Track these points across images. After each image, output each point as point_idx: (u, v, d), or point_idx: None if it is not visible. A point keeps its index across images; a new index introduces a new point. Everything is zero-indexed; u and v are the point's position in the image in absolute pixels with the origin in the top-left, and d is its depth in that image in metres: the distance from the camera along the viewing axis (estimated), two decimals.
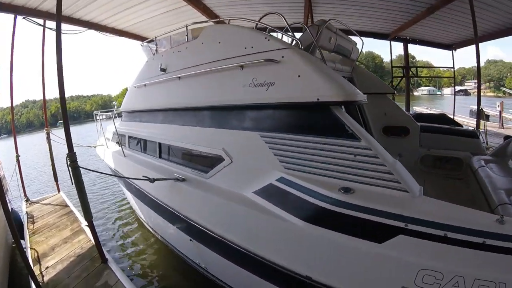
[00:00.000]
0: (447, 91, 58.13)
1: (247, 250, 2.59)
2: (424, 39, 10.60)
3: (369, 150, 2.19)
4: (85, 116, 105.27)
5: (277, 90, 2.62)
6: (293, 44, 2.88)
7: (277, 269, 2.35)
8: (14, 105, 7.19)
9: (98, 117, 7.39)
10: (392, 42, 10.75)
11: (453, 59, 10.90)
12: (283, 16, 3.13)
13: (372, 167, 2.19)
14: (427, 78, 62.29)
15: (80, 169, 3.35)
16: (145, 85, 4.94)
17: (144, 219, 5.62)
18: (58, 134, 6.99)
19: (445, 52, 10.73)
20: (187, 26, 3.96)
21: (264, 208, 2.50)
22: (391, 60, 12.04)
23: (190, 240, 3.48)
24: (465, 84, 65.83)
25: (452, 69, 11.01)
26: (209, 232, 2.99)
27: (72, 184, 3.39)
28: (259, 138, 2.78)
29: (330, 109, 2.37)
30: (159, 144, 4.40)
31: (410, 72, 11.62)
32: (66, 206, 6.34)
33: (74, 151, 3.36)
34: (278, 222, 2.34)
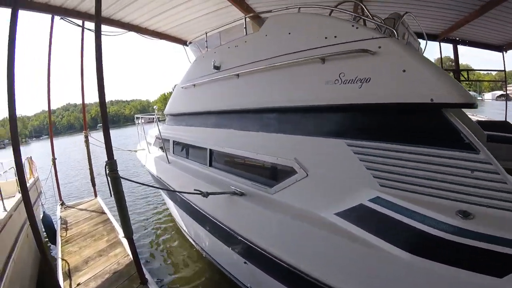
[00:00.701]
0: (488, 95, 54.72)
1: (321, 281, 2.12)
2: (473, 40, 9.67)
3: (489, 164, 1.73)
4: (124, 120, 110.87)
5: (374, 88, 2.12)
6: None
7: None
8: (56, 108, 7.29)
9: (139, 121, 7.19)
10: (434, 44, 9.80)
11: (504, 61, 9.92)
12: (363, 5, 2.61)
13: (492, 186, 1.73)
14: (467, 83, 58.01)
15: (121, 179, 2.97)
16: (194, 85, 4.61)
17: (187, 232, 5.22)
18: (97, 137, 6.79)
19: (483, 54, 9.76)
20: (245, 18, 3.57)
21: (351, 234, 2.01)
22: (442, 63, 10.87)
23: (245, 263, 3.05)
24: (508, 88, 59.79)
25: (503, 72, 10.18)
26: (270, 257, 2.53)
27: (111, 195, 3.01)
28: (346, 148, 2.28)
29: (442, 112, 1.88)
30: (210, 151, 3.96)
31: (461, 76, 10.60)
32: (103, 213, 6.06)
33: (115, 158, 2.99)
34: (370, 251, 1.88)
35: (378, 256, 1.84)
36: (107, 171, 2.90)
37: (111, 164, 2.91)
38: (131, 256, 3.81)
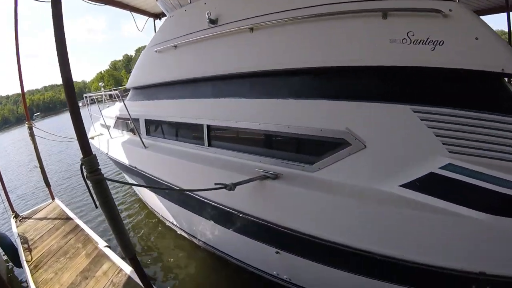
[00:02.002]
0: None
1: (399, 258, 2.05)
2: None
3: None
4: (61, 106, 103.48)
5: (447, 51, 1.94)
6: None
7: (434, 271, 1.95)
8: None
9: (87, 100, 6.05)
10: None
11: None
12: None
13: None
14: None
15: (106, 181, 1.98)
16: (175, 46, 3.61)
17: (181, 227, 4.41)
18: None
19: None
20: None
21: (424, 204, 1.94)
22: (510, 35, 6.44)
23: (277, 252, 2.79)
24: None
25: None
26: (317, 241, 2.35)
27: (97, 207, 2.05)
28: (412, 114, 2.04)
29: (503, 82, 1.90)
30: (208, 127, 3.26)
31: None
32: (68, 218, 4.84)
33: (93, 154, 1.93)
34: (447, 219, 1.89)
35: (458, 222, 1.85)
36: (86, 173, 1.92)
37: (90, 161, 1.89)
38: (126, 271, 3.13)
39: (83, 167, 1.92)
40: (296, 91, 2.60)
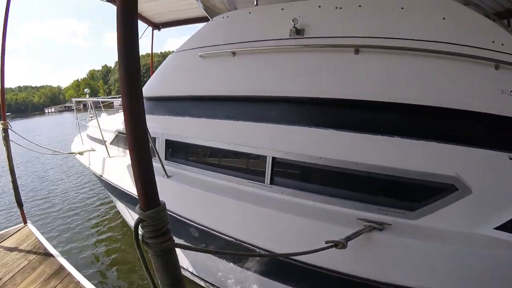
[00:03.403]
0: None
1: None
2: None
3: None
4: (33, 109, 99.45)
5: None
6: None
7: None
8: None
9: (78, 106, 5.42)
10: None
11: None
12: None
13: None
14: None
15: None
16: (233, 53, 2.97)
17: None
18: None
19: None
20: None
21: None
22: None
23: None
24: None
25: None
26: None
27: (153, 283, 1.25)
28: (509, 161, 2.06)
29: None
30: (273, 160, 2.68)
31: None
32: (47, 254, 3.74)
33: (161, 203, 1.18)
34: None
35: None
36: (146, 235, 1.11)
37: (158, 218, 1.12)
38: None
39: (139, 225, 1.14)
40: (406, 128, 2.34)
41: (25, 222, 4.76)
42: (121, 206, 4.67)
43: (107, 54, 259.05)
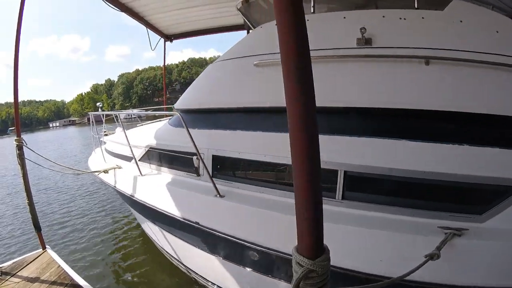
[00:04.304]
0: None
1: None
2: None
3: None
4: (37, 123, 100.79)
5: None
6: None
7: None
8: None
9: (92, 118, 5.32)
10: None
11: None
12: None
13: None
14: None
15: None
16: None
17: None
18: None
19: None
20: None
21: None
22: None
23: None
24: None
25: None
26: None
27: None
28: None
29: None
30: (345, 173, 2.55)
31: None
32: (72, 284, 3.43)
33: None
34: None
35: None
36: None
37: None
38: None
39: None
40: (474, 136, 2.37)
41: (43, 248, 4.47)
42: (152, 228, 4.35)
43: (109, 68, 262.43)
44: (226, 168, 3.24)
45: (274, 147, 2.82)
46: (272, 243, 2.57)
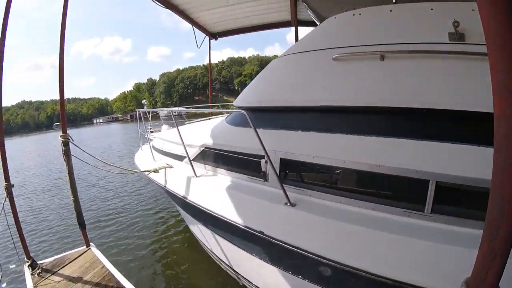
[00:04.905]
0: None
1: None
2: None
3: None
4: (81, 119, 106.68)
5: None
6: None
7: None
8: (10, 105, 4.39)
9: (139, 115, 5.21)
10: None
11: None
12: None
13: None
14: None
15: None
16: (382, 56, 2.42)
17: None
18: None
19: None
20: None
21: None
22: None
23: None
24: None
25: None
26: None
27: None
28: None
29: None
30: (437, 184, 2.11)
31: None
32: (114, 282, 3.27)
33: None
34: None
35: None
36: None
37: None
38: None
39: None
40: None
41: (87, 245, 4.34)
42: (203, 231, 4.06)
43: (150, 68, 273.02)
44: (296, 173, 2.89)
45: (356, 152, 2.47)
46: (352, 260, 2.22)
